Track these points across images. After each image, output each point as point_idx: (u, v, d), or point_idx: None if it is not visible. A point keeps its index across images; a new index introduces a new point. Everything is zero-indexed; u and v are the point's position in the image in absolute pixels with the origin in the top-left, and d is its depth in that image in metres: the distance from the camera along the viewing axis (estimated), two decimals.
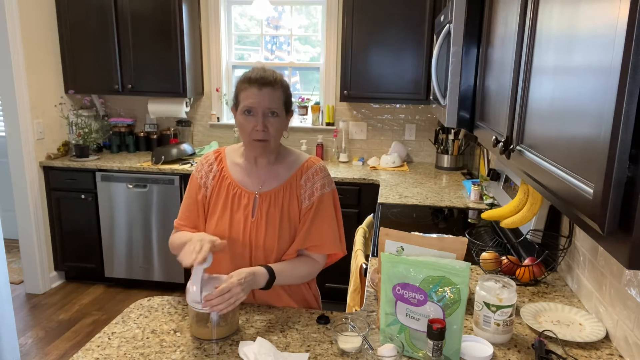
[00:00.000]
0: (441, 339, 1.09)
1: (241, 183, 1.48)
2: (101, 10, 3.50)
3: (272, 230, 1.44)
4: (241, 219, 1.46)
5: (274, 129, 1.39)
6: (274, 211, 1.45)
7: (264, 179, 1.48)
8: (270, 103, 1.37)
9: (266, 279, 1.33)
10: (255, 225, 1.45)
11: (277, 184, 1.47)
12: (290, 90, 1.47)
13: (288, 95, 1.44)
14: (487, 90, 1.46)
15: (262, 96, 1.36)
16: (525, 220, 1.76)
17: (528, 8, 1.06)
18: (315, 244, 1.46)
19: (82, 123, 3.68)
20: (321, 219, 1.46)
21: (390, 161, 3.56)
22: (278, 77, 1.41)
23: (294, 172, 1.48)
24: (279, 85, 1.40)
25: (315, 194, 1.46)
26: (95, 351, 1.22)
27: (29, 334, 3.06)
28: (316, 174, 1.48)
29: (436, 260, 1.15)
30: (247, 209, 1.46)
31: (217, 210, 1.48)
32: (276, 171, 1.49)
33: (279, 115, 1.40)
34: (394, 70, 3.35)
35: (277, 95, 1.39)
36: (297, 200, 1.47)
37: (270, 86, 1.38)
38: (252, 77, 1.38)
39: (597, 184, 0.68)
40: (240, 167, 1.51)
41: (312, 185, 1.47)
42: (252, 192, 1.47)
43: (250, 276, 1.28)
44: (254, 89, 1.37)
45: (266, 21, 3.89)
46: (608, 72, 0.66)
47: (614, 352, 1.25)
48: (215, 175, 1.51)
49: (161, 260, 3.56)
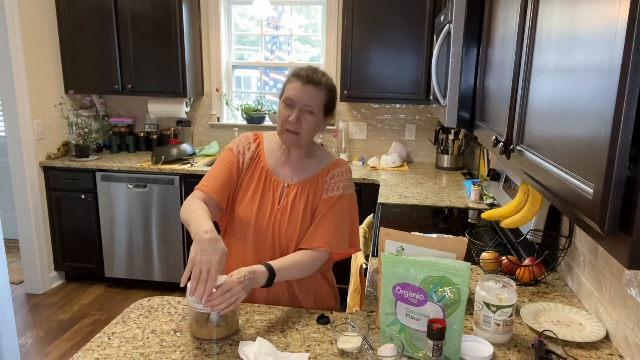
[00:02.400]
0: (441, 339, 1.09)
1: (273, 170, 1.53)
2: (101, 10, 3.50)
3: (294, 221, 1.47)
4: (268, 205, 1.49)
5: (307, 125, 1.44)
6: (299, 202, 1.49)
7: (295, 170, 1.53)
8: (310, 100, 1.42)
9: (266, 277, 1.33)
10: (280, 213, 1.48)
11: (306, 176, 1.52)
12: (335, 95, 1.51)
13: (331, 99, 1.49)
14: (487, 90, 1.46)
15: (304, 92, 1.42)
16: (525, 220, 1.76)
17: (528, 8, 1.06)
18: (322, 241, 1.46)
19: (82, 123, 3.68)
20: (333, 218, 1.48)
21: (390, 161, 3.56)
22: (326, 80, 1.46)
23: (322, 168, 1.53)
24: (324, 87, 1.45)
25: (335, 192, 1.50)
26: (95, 351, 1.22)
27: (29, 334, 3.06)
28: (341, 174, 1.53)
29: (436, 260, 1.15)
30: (274, 196, 1.50)
31: (248, 193, 1.51)
32: (307, 165, 1.54)
33: (315, 114, 1.44)
34: (394, 70, 3.35)
35: (319, 95, 1.44)
36: (320, 194, 1.51)
37: (315, 85, 1.43)
38: (300, 73, 1.44)
39: (597, 184, 0.68)
40: (275, 154, 1.55)
41: (335, 182, 1.51)
42: (281, 182, 1.51)
43: (250, 274, 1.28)
44: (299, 84, 1.42)
45: (266, 21, 3.89)
46: (608, 72, 0.66)
47: (614, 352, 1.25)
48: (252, 156, 1.55)
49: (161, 260, 3.56)
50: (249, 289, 1.27)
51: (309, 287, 1.55)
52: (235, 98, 4.06)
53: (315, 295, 1.56)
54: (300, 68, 1.47)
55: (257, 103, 3.92)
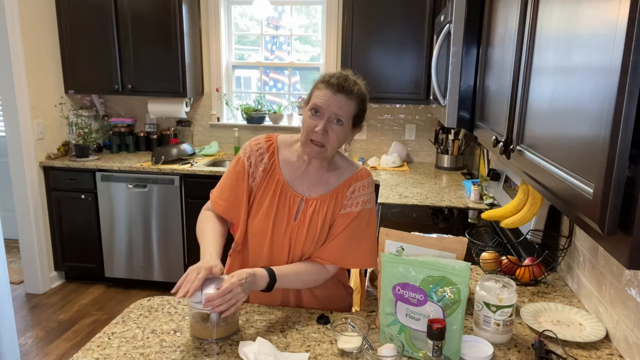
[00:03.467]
0: (441, 339, 1.09)
1: (290, 183, 1.44)
2: (101, 10, 3.50)
3: (311, 237, 1.41)
4: (284, 220, 1.42)
5: (335, 136, 1.34)
6: (317, 218, 1.41)
7: (314, 183, 1.44)
8: (340, 110, 1.33)
9: (266, 281, 1.30)
10: (297, 229, 1.42)
11: (325, 191, 1.43)
12: (366, 105, 1.41)
13: (362, 109, 1.39)
14: (487, 90, 1.46)
15: (334, 100, 1.32)
16: (525, 220, 1.76)
17: (528, 8, 1.06)
18: (333, 257, 1.42)
19: (82, 123, 3.68)
20: (348, 235, 1.41)
21: (390, 161, 3.55)
22: (358, 90, 1.36)
23: (343, 181, 1.44)
24: (355, 97, 1.35)
25: (354, 207, 1.42)
26: (95, 351, 1.22)
27: (29, 334, 3.06)
28: (363, 188, 1.44)
29: (436, 260, 1.15)
30: (291, 211, 1.42)
31: (264, 207, 1.43)
32: (327, 178, 1.45)
33: (344, 124, 1.34)
34: (394, 70, 3.35)
35: (349, 104, 1.34)
36: (340, 209, 1.43)
37: (346, 94, 1.33)
38: (331, 80, 1.33)
39: (597, 184, 0.68)
40: (292, 165, 1.45)
41: (356, 197, 1.43)
42: (299, 195, 1.43)
43: (250, 277, 1.26)
44: (329, 91, 1.33)
45: (266, 21, 3.89)
46: (608, 72, 0.66)
47: (614, 352, 1.25)
48: (265, 168, 1.45)
49: (161, 260, 3.56)
50: (249, 291, 1.27)
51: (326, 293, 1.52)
52: (235, 98, 4.06)
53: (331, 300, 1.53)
54: (331, 74, 1.36)
55: (257, 103, 3.92)
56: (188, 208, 3.43)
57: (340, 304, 1.56)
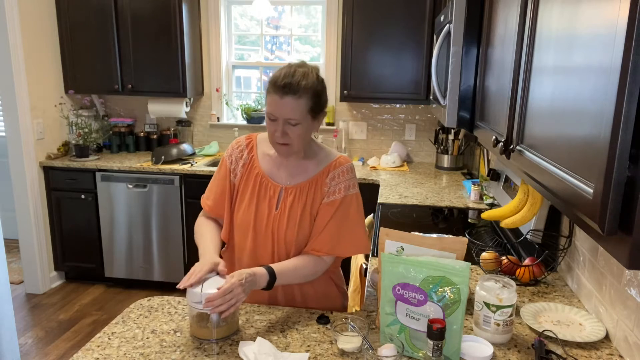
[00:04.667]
0: (441, 339, 1.09)
1: (269, 174, 1.48)
2: (101, 10, 3.50)
3: (292, 225, 1.44)
4: (265, 210, 1.46)
5: (295, 135, 1.36)
6: (297, 206, 1.44)
7: (293, 172, 1.48)
8: (290, 113, 1.33)
9: (266, 280, 1.32)
10: (278, 218, 1.45)
11: (304, 179, 1.47)
12: (321, 93, 1.39)
13: (316, 101, 1.37)
14: (487, 90, 1.46)
15: (282, 105, 1.32)
16: (525, 220, 1.76)
17: (528, 8, 1.06)
18: (326, 247, 1.44)
19: (82, 123, 3.68)
20: (336, 223, 1.43)
21: (390, 161, 3.56)
22: (305, 84, 1.33)
23: (322, 169, 1.47)
24: (304, 93, 1.33)
25: (337, 194, 1.44)
26: (95, 351, 1.22)
27: (29, 334, 3.06)
28: (342, 174, 1.46)
29: (436, 260, 1.15)
30: (272, 201, 1.46)
31: (245, 200, 1.48)
32: (305, 166, 1.48)
33: (300, 122, 1.35)
34: (394, 70, 3.35)
35: (299, 104, 1.33)
36: (320, 197, 1.46)
37: (293, 94, 1.32)
38: (277, 83, 1.33)
39: (597, 184, 0.68)
40: (270, 158, 1.50)
41: (336, 184, 1.45)
42: (279, 185, 1.47)
43: (250, 277, 1.27)
44: (277, 97, 1.32)
45: (266, 21, 3.89)
46: (608, 72, 0.66)
47: (614, 352, 1.25)
48: (245, 163, 1.51)
49: (161, 260, 3.56)
50: (249, 291, 1.27)
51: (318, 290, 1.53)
52: (235, 98, 4.06)
53: (324, 298, 1.55)
54: (278, 75, 1.34)
55: (257, 103, 3.92)
56: (188, 208, 3.43)
57: (332, 302, 1.56)
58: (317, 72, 1.40)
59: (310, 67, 1.39)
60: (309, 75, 1.36)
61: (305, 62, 1.42)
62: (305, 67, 1.38)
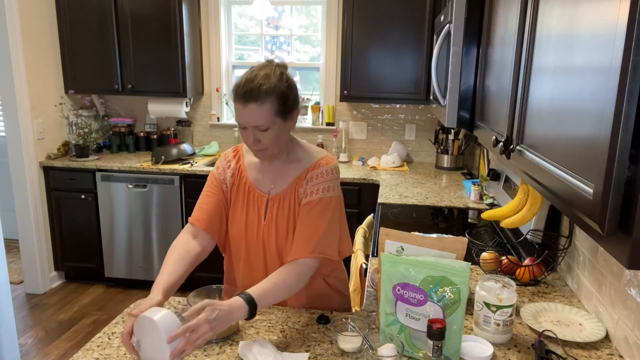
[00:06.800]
0: (441, 339, 1.09)
1: (255, 183, 1.46)
2: (101, 10, 3.50)
3: (281, 234, 1.42)
4: (255, 221, 1.45)
5: (268, 139, 1.32)
6: (282, 215, 1.42)
7: (275, 178, 1.45)
8: (257, 120, 1.29)
9: (246, 311, 1.18)
10: (267, 228, 1.43)
11: (286, 184, 1.43)
12: (288, 90, 1.32)
13: (281, 102, 1.30)
14: (487, 90, 1.46)
15: (247, 113, 1.28)
16: (525, 220, 1.76)
17: (528, 8, 1.06)
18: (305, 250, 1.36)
19: (82, 123, 3.68)
20: (311, 223, 1.37)
21: (390, 161, 3.56)
22: (265, 88, 1.27)
23: (301, 171, 1.42)
24: (267, 97, 1.27)
25: (314, 195, 1.38)
26: (95, 351, 1.22)
27: (29, 334, 3.06)
28: (321, 175, 1.40)
29: (436, 260, 1.15)
30: (260, 211, 1.45)
31: (237, 210, 1.47)
32: (287, 170, 1.44)
33: (269, 127, 1.31)
34: (394, 70, 3.35)
35: (264, 109, 1.28)
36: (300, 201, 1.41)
37: (255, 101, 1.27)
38: (238, 92, 1.28)
39: (597, 184, 0.68)
40: (255, 165, 1.48)
41: (314, 185, 1.39)
42: (265, 195, 1.45)
43: (223, 313, 1.13)
44: (240, 106, 1.29)
45: (266, 21, 3.89)
46: (608, 72, 0.66)
47: (614, 352, 1.25)
48: (233, 173, 1.49)
49: (161, 260, 3.55)
50: (220, 329, 1.13)
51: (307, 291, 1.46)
52: None
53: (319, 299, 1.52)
54: (239, 83, 1.29)
55: None
56: (188, 208, 3.43)
57: (325, 302, 1.53)
58: (283, 71, 1.33)
59: (273, 67, 1.33)
60: (271, 77, 1.29)
61: (270, 61, 1.35)
62: (268, 67, 1.32)
